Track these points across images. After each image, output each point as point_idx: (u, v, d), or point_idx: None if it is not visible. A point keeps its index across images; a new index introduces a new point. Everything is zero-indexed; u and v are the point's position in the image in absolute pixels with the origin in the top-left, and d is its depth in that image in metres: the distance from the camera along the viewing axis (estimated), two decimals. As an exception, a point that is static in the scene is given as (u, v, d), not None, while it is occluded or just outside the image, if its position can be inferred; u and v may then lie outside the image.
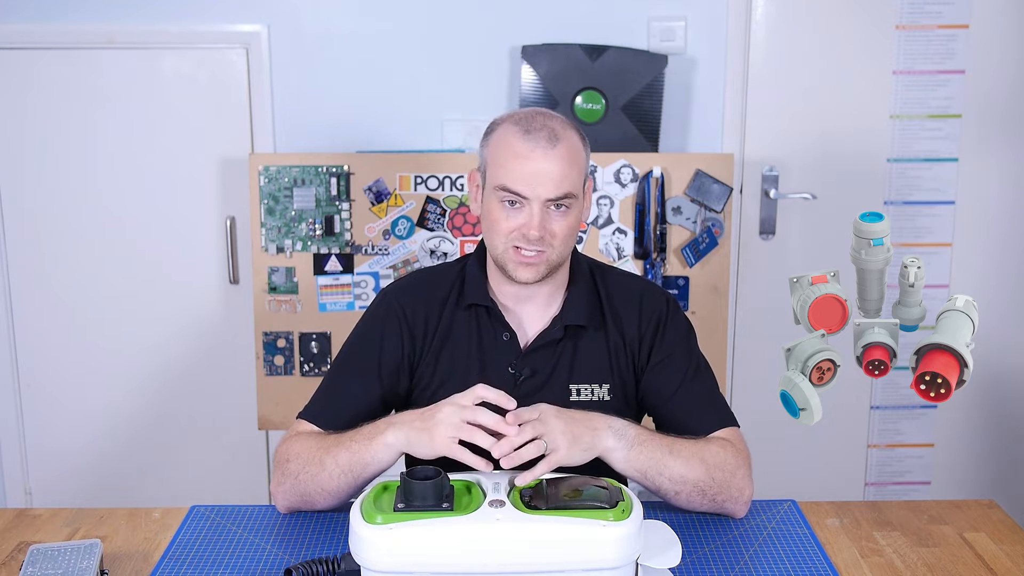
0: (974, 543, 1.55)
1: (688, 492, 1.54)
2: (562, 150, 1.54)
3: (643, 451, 1.50)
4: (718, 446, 1.58)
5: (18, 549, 1.54)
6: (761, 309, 3.00)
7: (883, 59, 2.91)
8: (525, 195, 1.53)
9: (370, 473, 1.52)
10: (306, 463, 1.54)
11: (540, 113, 1.59)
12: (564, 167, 1.53)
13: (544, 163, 1.52)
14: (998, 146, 2.97)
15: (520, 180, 1.53)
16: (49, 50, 2.86)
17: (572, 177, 1.55)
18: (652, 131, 2.81)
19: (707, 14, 2.87)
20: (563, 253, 1.59)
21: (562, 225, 1.56)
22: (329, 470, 1.52)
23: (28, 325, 3.00)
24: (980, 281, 3.03)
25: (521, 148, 1.54)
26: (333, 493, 1.54)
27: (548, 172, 1.53)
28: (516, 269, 1.58)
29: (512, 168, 1.54)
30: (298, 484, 1.55)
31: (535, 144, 1.53)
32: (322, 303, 2.80)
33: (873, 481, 3.14)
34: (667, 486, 1.53)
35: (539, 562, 1.24)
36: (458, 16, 2.87)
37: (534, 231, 1.54)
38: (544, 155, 1.53)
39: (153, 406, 3.04)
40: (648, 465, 1.51)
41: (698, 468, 1.53)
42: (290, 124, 2.91)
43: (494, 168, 1.57)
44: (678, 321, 1.71)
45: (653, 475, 1.52)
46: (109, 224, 2.94)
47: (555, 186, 1.53)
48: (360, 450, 1.50)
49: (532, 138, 1.54)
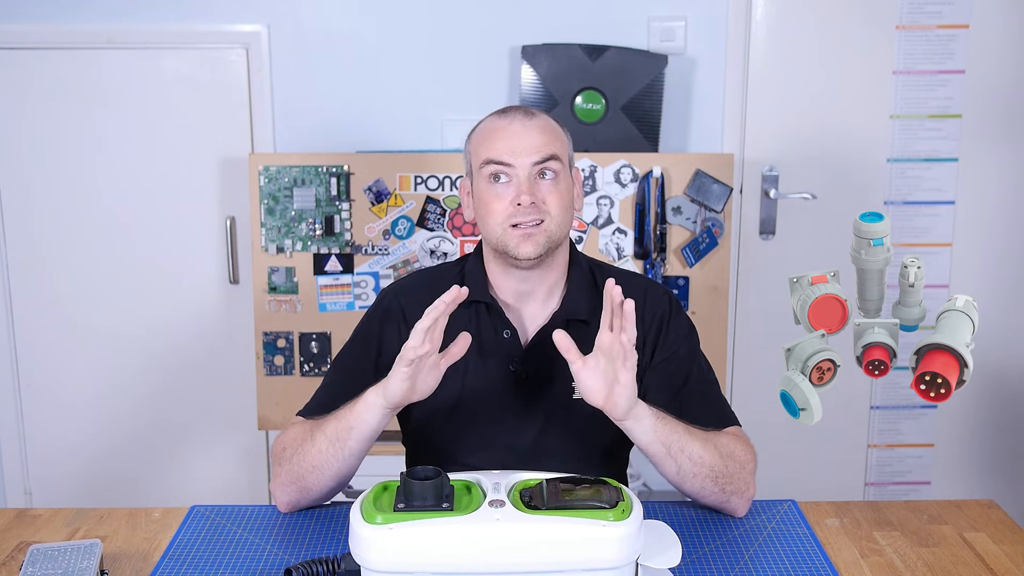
0: (974, 543, 1.55)
1: (704, 475, 1.53)
2: (539, 122, 1.60)
3: (667, 424, 1.50)
4: (728, 438, 1.59)
5: (18, 549, 1.54)
6: (761, 309, 3.00)
7: (883, 59, 2.91)
8: (509, 162, 1.57)
9: (356, 438, 1.51)
10: (299, 445, 1.56)
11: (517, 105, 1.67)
12: (544, 135, 1.59)
13: (523, 132, 1.58)
14: (998, 146, 2.97)
15: (503, 150, 1.57)
16: (49, 50, 2.86)
17: (555, 145, 1.59)
18: (652, 131, 2.81)
19: (707, 14, 2.87)
20: (561, 225, 1.60)
21: (553, 194, 1.58)
22: (319, 444, 1.53)
23: (28, 325, 3.00)
24: (980, 281, 3.03)
25: (499, 123, 1.61)
26: (323, 468, 1.54)
27: (529, 138, 1.58)
28: (518, 246, 1.58)
29: (493, 142, 1.59)
30: (292, 468, 1.56)
31: (512, 118, 1.60)
32: (322, 303, 2.80)
33: (873, 481, 3.14)
34: (687, 465, 1.52)
35: (539, 562, 1.24)
36: (458, 16, 2.87)
37: (525, 196, 1.56)
38: (522, 125, 1.59)
39: (153, 406, 3.04)
40: (672, 439, 1.50)
41: (713, 453, 1.53)
42: (290, 124, 2.91)
43: (476, 153, 1.61)
44: (681, 320, 1.71)
45: (676, 451, 1.51)
46: (109, 224, 2.94)
47: (537, 150, 1.57)
48: (345, 415, 1.51)
49: (508, 115, 1.61)
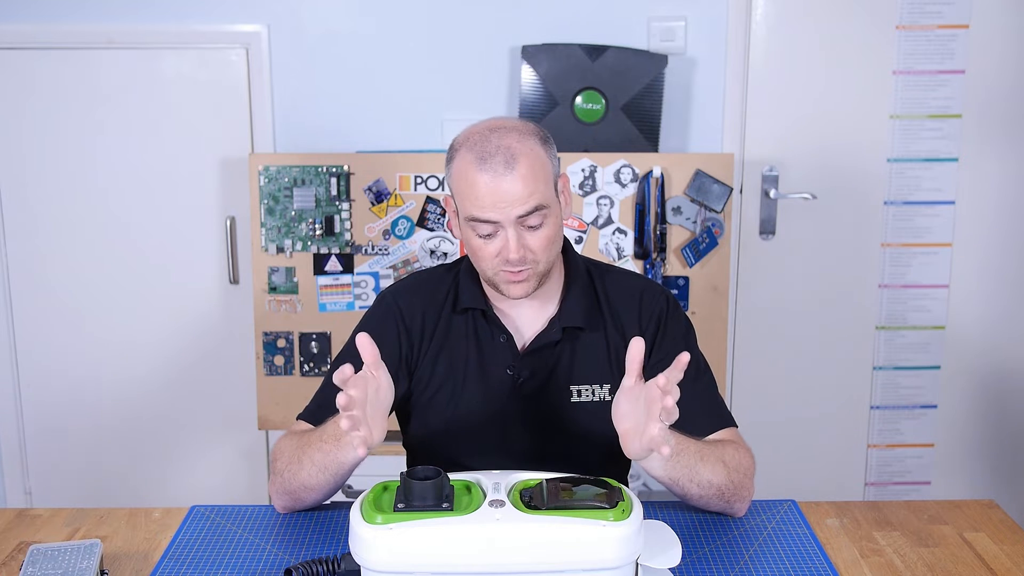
0: (974, 543, 1.55)
1: (710, 496, 1.54)
2: (522, 169, 1.51)
3: (680, 461, 1.49)
4: (733, 449, 1.58)
5: (18, 549, 1.54)
6: (761, 309, 3.00)
7: (883, 59, 2.91)
8: (495, 220, 1.53)
9: (347, 469, 1.51)
10: (289, 461, 1.55)
11: (494, 131, 1.55)
12: (528, 185, 1.51)
13: (506, 186, 1.51)
14: (998, 146, 2.97)
15: (487, 207, 1.52)
16: (49, 50, 2.86)
17: (539, 190, 1.52)
18: (652, 131, 2.81)
19: (707, 14, 2.87)
20: (549, 261, 1.59)
21: (540, 239, 1.55)
22: (307, 469, 1.52)
23: (28, 325, 3.00)
24: (980, 281, 3.03)
25: (479, 178, 1.52)
26: (316, 489, 1.54)
27: (512, 193, 1.51)
28: (508, 288, 1.58)
29: (476, 199, 1.52)
30: (284, 482, 1.56)
31: (493, 171, 1.51)
32: (322, 303, 2.80)
33: (873, 481, 3.14)
34: (694, 491, 1.53)
35: (539, 562, 1.24)
36: (458, 16, 2.87)
37: (513, 254, 1.53)
38: (502, 179, 1.50)
39: (153, 406, 3.04)
40: (682, 474, 1.50)
41: (721, 473, 1.53)
42: (290, 124, 2.91)
43: (460, 200, 1.57)
44: (678, 319, 1.70)
45: (684, 482, 1.51)
46: (109, 224, 2.94)
47: (522, 202, 1.51)
48: (331, 451, 1.50)
49: (488, 166, 1.51)
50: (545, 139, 1.58)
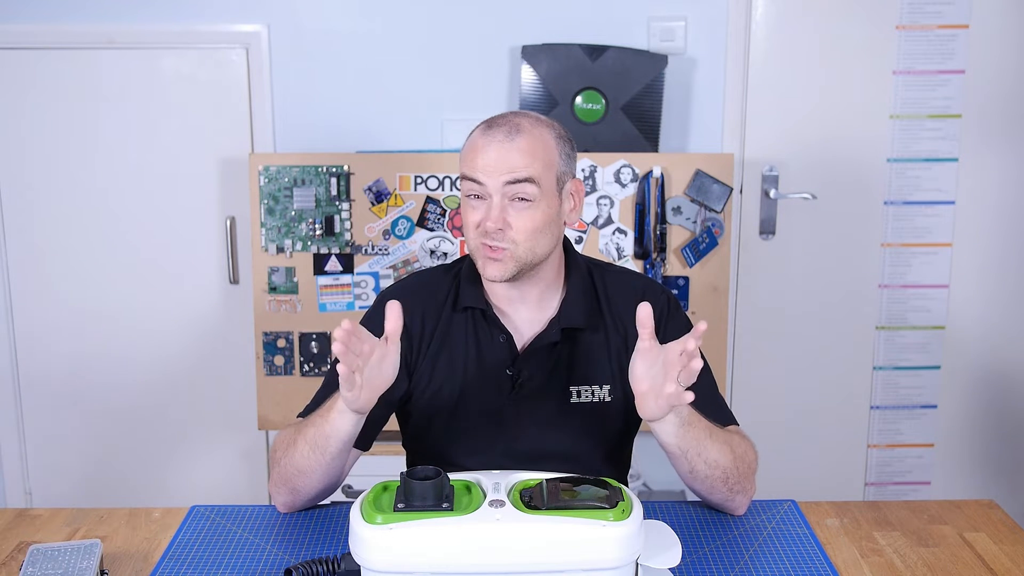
0: (974, 543, 1.55)
1: (715, 478, 1.53)
2: (522, 143, 1.54)
3: (690, 431, 1.49)
4: (740, 438, 1.59)
5: (18, 549, 1.54)
6: (761, 309, 3.00)
7: (883, 59, 2.91)
8: (481, 181, 1.55)
9: (334, 444, 1.50)
10: (286, 448, 1.56)
11: (514, 112, 1.61)
12: (523, 158, 1.54)
13: (501, 153, 1.54)
14: (998, 146, 2.97)
15: (478, 167, 1.55)
16: (49, 50, 2.86)
17: (535, 168, 1.54)
18: (652, 131, 2.81)
19: (707, 14, 2.87)
20: (532, 251, 1.57)
21: (523, 219, 1.55)
22: (301, 449, 1.53)
23: (28, 325, 3.00)
24: (980, 281, 3.03)
25: (480, 141, 1.57)
26: (308, 472, 1.54)
27: (505, 159, 1.54)
28: (484, 266, 1.58)
29: (472, 159, 1.56)
30: (281, 471, 1.57)
31: (493, 136, 1.55)
32: (322, 303, 2.80)
33: (873, 481, 3.14)
34: (701, 468, 1.52)
35: (539, 562, 1.24)
36: (458, 16, 2.87)
37: (490, 222, 1.54)
38: (500, 146, 1.54)
39: (153, 406, 3.04)
40: (691, 446, 1.49)
41: (728, 456, 1.53)
42: (290, 124, 2.91)
43: (461, 162, 1.60)
44: (678, 319, 1.70)
45: (693, 455, 1.50)
46: (109, 224, 2.94)
47: (511, 171, 1.53)
48: (321, 423, 1.50)
49: (492, 132, 1.56)
50: (561, 135, 1.61)
